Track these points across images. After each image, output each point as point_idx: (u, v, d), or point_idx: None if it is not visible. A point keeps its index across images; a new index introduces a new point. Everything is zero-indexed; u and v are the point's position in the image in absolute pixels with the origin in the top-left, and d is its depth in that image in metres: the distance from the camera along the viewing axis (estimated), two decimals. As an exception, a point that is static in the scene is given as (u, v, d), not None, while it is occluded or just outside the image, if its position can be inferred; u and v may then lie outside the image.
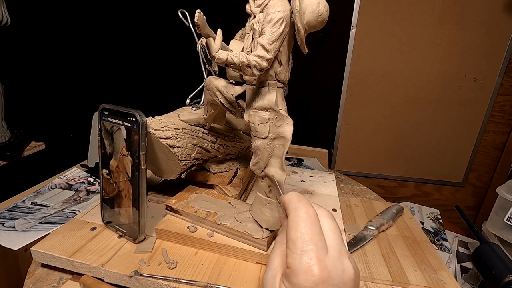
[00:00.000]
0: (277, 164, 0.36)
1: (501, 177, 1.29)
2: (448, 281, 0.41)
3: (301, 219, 0.24)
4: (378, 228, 0.50)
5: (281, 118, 0.35)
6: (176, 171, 0.46)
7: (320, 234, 0.24)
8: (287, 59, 0.35)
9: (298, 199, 0.26)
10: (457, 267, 0.83)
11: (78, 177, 0.72)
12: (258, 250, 0.39)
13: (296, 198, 0.26)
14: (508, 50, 1.15)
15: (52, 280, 0.39)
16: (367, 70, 1.26)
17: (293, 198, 0.26)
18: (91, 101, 0.90)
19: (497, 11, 1.11)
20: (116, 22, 1.07)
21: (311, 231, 0.23)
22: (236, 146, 0.57)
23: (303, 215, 0.24)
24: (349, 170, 1.42)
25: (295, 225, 0.24)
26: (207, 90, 0.44)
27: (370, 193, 0.69)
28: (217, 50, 0.31)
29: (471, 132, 1.28)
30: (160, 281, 0.35)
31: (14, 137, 0.80)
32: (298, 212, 0.25)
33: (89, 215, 0.48)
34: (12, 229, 0.53)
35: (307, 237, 0.23)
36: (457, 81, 1.22)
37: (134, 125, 0.37)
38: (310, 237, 0.23)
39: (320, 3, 0.31)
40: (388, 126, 1.33)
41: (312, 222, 0.24)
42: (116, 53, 1.09)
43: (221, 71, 0.40)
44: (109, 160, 0.41)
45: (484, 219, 0.98)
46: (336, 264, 0.23)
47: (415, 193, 1.43)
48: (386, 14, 1.17)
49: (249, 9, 0.35)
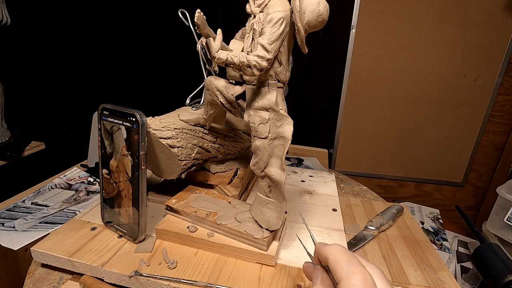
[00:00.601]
0: (277, 164, 0.36)
1: (501, 177, 1.29)
2: (448, 281, 0.41)
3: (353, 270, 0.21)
4: (378, 228, 0.50)
5: (281, 118, 0.35)
6: (176, 171, 0.46)
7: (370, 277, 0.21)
8: (287, 59, 0.35)
9: (348, 260, 0.22)
10: (457, 267, 0.84)
11: (78, 177, 0.72)
12: (258, 250, 0.39)
13: (345, 258, 0.22)
14: (508, 50, 1.15)
15: (52, 280, 0.39)
16: (367, 70, 1.26)
17: (341, 257, 0.22)
18: (91, 101, 0.90)
19: (497, 11, 1.11)
20: (116, 22, 1.07)
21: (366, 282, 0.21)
22: (236, 146, 0.57)
23: (360, 284, 0.21)
24: (349, 170, 1.42)
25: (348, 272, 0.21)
26: (207, 90, 0.44)
27: (370, 193, 0.69)
28: (217, 50, 0.31)
29: (471, 132, 1.28)
30: (160, 281, 0.35)
31: (14, 137, 0.80)
32: (352, 281, 0.21)
33: (89, 215, 0.48)
34: (12, 229, 0.53)
35: None
36: (457, 81, 1.22)
37: (134, 125, 0.37)
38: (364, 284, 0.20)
39: (320, 3, 0.31)
40: (388, 126, 1.33)
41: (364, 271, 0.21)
42: (116, 53, 1.09)
43: (221, 71, 0.40)
44: (109, 160, 0.41)
45: (484, 219, 0.98)
46: None
47: (415, 193, 1.43)
48: (386, 14, 1.17)
49: (249, 9, 0.34)
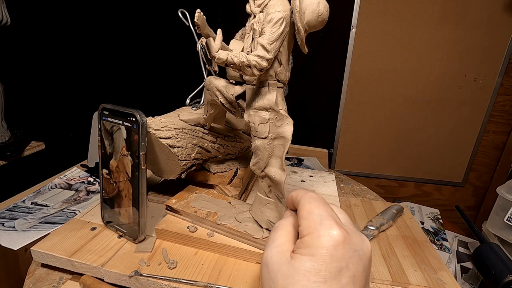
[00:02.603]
0: (277, 164, 0.36)
1: (501, 177, 1.29)
2: (448, 281, 0.41)
3: (314, 197, 0.24)
4: (378, 228, 0.50)
5: (281, 118, 0.35)
6: (176, 171, 0.46)
7: (333, 211, 0.24)
8: (287, 59, 0.35)
9: (304, 190, 0.26)
10: (457, 267, 0.83)
11: (78, 177, 0.72)
12: (258, 250, 0.39)
13: (302, 190, 0.26)
14: (508, 50, 1.15)
15: (52, 280, 0.39)
16: (367, 70, 1.26)
17: (300, 190, 0.26)
18: (91, 101, 0.90)
19: (497, 11, 1.11)
20: (116, 22, 1.07)
21: (325, 206, 0.23)
22: (236, 146, 0.57)
23: (315, 196, 0.24)
24: (349, 170, 1.42)
25: (309, 200, 0.24)
26: (207, 90, 0.44)
27: (370, 193, 0.69)
28: (217, 50, 0.31)
29: (471, 132, 1.28)
30: (160, 281, 0.35)
31: (14, 137, 0.80)
32: (309, 194, 0.25)
33: (89, 215, 0.48)
34: (12, 229, 0.53)
35: (323, 209, 0.23)
36: (457, 81, 1.22)
37: (134, 125, 0.37)
38: (326, 209, 0.23)
39: (320, 3, 0.31)
40: (388, 126, 1.33)
41: (324, 201, 0.24)
42: (116, 53, 1.09)
43: (221, 71, 0.40)
44: (109, 160, 0.41)
45: (484, 219, 0.98)
46: (355, 232, 0.22)
47: (415, 193, 1.43)
48: (386, 14, 1.17)
49: (249, 9, 0.34)
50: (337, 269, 0.20)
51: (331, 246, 0.20)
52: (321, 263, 0.20)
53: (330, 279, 0.20)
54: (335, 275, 0.20)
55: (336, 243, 0.20)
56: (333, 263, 0.20)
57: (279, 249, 0.23)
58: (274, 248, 0.23)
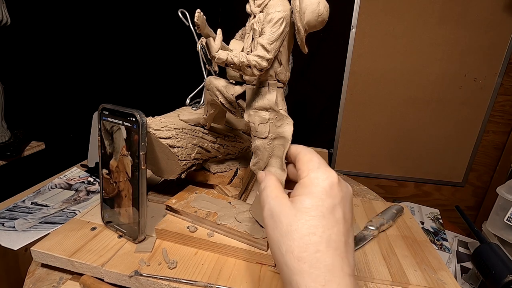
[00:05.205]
0: (277, 164, 0.36)
1: (501, 177, 1.29)
2: (448, 281, 0.41)
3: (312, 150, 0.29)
4: (378, 228, 0.50)
5: (281, 118, 0.35)
6: (176, 171, 0.46)
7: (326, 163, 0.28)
8: (287, 59, 0.35)
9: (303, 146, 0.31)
10: (457, 267, 0.83)
11: (78, 177, 0.72)
12: (258, 250, 0.39)
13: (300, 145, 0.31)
14: (508, 50, 1.15)
15: (52, 280, 0.39)
16: (367, 70, 1.26)
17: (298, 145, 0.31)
18: (91, 101, 0.90)
19: (497, 11, 1.11)
20: (116, 22, 1.07)
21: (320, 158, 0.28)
22: (236, 146, 0.57)
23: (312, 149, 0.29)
24: (349, 170, 1.42)
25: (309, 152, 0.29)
26: (207, 90, 0.44)
27: (370, 193, 0.69)
28: (217, 50, 0.31)
29: (471, 132, 1.28)
30: (160, 281, 0.35)
31: (14, 137, 0.80)
32: (308, 147, 0.30)
33: (89, 215, 0.48)
34: (12, 229, 0.53)
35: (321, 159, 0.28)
36: (457, 81, 1.22)
37: (134, 125, 0.37)
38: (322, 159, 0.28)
39: (320, 3, 0.31)
40: (388, 126, 1.33)
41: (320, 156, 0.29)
42: (116, 53, 1.09)
43: (221, 71, 0.40)
44: (109, 160, 0.41)
45: (484, 219, 0.98)
46: (342, 179, 0.27)
47: (415, 193, 1.43)
48: (386, 14, 1.17)
49: (249, 9, 0.34)
50: (332, 205, 0.24)
51: (327, 185, 0.25)
52: (318, 200, 0.24)
53: (327, 213, 0.24)
54: (331, 210, 0.24)
55: (331, 184, 0.25)
56: (328, 199, 0.24)
57: (277, 200, 0.26)
58: (272, 200, 0.26)
